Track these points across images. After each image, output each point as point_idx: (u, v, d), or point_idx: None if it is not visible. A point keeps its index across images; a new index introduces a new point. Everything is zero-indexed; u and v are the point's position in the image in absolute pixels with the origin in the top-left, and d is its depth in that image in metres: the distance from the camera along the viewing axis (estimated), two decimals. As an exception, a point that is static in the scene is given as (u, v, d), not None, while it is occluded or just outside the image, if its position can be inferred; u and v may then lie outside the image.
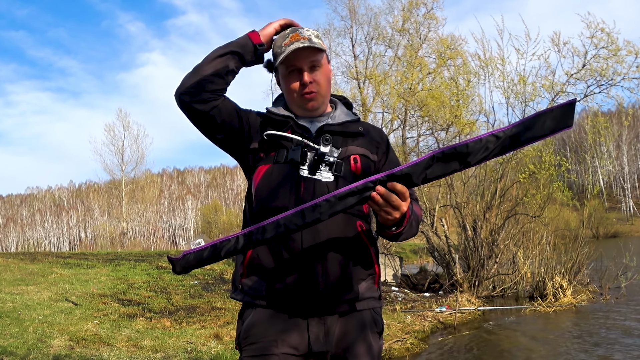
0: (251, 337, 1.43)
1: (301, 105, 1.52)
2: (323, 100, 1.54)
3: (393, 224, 1.36)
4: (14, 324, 5.81)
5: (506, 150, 1.26)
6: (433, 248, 10.30)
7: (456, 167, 1.28)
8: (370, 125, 1.63)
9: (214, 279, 10.74)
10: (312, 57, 1.48)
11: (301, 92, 1.49)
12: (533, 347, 5.66)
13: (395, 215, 1.30)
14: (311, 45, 1.45)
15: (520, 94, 9.56)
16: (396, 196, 1.28)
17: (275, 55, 1.52)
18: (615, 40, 8.85)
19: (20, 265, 11.48)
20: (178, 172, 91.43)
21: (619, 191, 58.07)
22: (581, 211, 10.77)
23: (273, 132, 1.47)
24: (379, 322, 1.51)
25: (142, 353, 4.78)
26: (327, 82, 1.53)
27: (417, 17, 13.20)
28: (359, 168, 1.47)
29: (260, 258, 1.43)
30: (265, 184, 1.46)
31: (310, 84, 1.48)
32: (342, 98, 1.66)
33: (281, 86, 1.57)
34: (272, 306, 1.42)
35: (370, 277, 1.49)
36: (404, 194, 1.28)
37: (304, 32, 1.48)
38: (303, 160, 1.44)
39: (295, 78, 1.49)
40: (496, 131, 1.25)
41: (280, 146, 1.47)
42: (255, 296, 1.44)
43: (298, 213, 1.27)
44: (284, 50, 1.46)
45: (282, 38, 1.50)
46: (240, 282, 1.48)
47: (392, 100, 11.84)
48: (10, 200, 76.83)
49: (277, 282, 1.41)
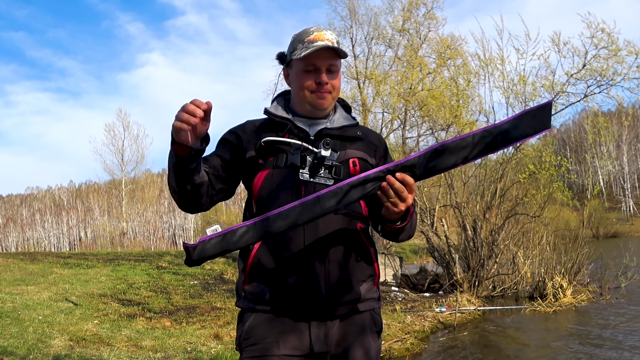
0: (252, 338, 1.43)
1: (312, 102, 1.50)
2: (332, 103, 1.54)
3: (397, 218, 1.36)
4: (14, 324, 5.81)
5: (497, 146, 1.30)
6: (433, 248, 10.30)
7: (457, 161, 1.30)
8: (368, 130, 1.64)
9: (214, 279, 10.74)
10: (333, 60, 1.48)
11: (317, 90, 1.48)
12: (533, 347, 5.66)
13: (402, 207, 1.31)
14: (335, 47, 1.45)
15: (520, 94, 9.56)
16: (404, 188, 1.29)
17: (294, 49, 1.49)
18: (615, 41, 8.86)
19: (20, 265, 11.48)
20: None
21: (619, 191, 58.05)
22: (581, 211, 10.78)
23: (271, 139, 1.47)
24: (378, 322, 1.52)
25: (142, 353, 4.78)
26: (339, 88, 1.55)
27: (417, 17, 13.20)
28: (357, 171, 1.47)
29: (261, 263, 1.42)
30: (266, 188, 1.45)
31: (326, 85, 1.48)
32: (341, 101, 1.66)
33: (291, 80, 1.55)
34: (275, 312, 1.42)
35: (371, 278, 1.50)
36: (412, 186, 1.30)
37: (328, 34, 1.48)
38: (303, 164, 1.43)
39: (312, 76, 1.48)
40: (489, 127, 1.29)
41: (279, 150, 1.46)
42: (258, 302, 1.44)
43: (315, 199, 1.27)
44: (308, 47, 1.44)
45: (306, 34, 1.48)
46: (243, 290, 1.47)
47: (392, 100, 11.84)
48: (10, 200, 76.80)
49: (279, 287, 1.40)
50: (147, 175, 47.08)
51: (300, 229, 1.38)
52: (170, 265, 12.48)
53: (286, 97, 1.63)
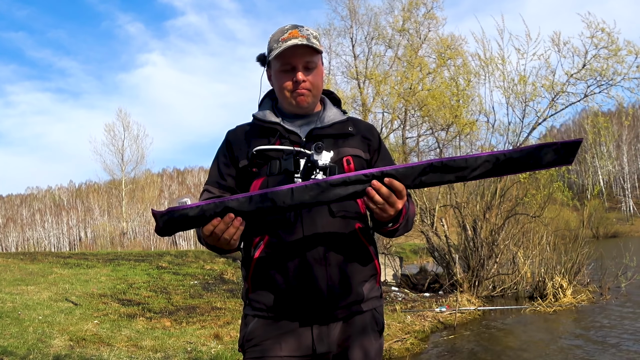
0: (255, 340, 1.43)
1: (292, 102, 1.49)
2: (314, 100, 1.52)
3: (389, 220, 1.35)
4: (14, 324, 5.81)
5: (502, 172, 1.27)
6: (433, 248, 10.30)
7: (451, 178, 1.28)
8: (360, 122, 1.61)
9: (214, 279, 10.74)
10: (308, 57, 1.45)
11: (294, 89, 1.46)
12: (533, 347, 5.65)
13: (390, 212, 1.28)
14: (309, 44, 1.42)
15: (521, 93, 9.55)
16: (392, 193, 1.26)
17: (270, 49, 1.48)
18: (615, 40, 8.86)
19: (20, 265, 11.48)
20: (178, 172, 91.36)
21: (619, 191, 58.04)
22: (581, 211, 10.78)
23: (262, 147, 1.45)
24: (380, 321, 1.51)
25: (142, 353, 4.78)
26: (320, 84, 1.51)
27: (417, 17, 13.20)
28: (352, 169, 1.46)
29: (263, 271, 1.42)
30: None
31: (303, 83, 1.45)
32: (329, 93, 1.63)
33: (272, 82, 1.54)
34: (278, 317, 1.42)
35: (372, 277, 1.49)
36: (401, 192, 1.27)
37: (303, 31, 1.45)
38: (297, 169, 1.41)
39: (289, 76, 1.46)
40: (497, 152, 1.26)
41: (272, 157, 1.45)
42: (262, 309, 1.44)
43: (288, 191, 1.24)
44: (280, 46, 1.42)
45: (281, 32, 1.46)
46: (248, 298, 1.48)
47: (392, 100, 11.84)
48: (10, 200, 76.79)
49: (281, 293, 1.40)
50: (147, 175, 46.99)
51: (300, 233, 1.38)
52: (170, 265, 12.48)
53: (273, 96, 1.60)
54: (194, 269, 12.09)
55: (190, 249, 24.32)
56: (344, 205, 1.42)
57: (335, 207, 1.41)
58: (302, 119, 1.53)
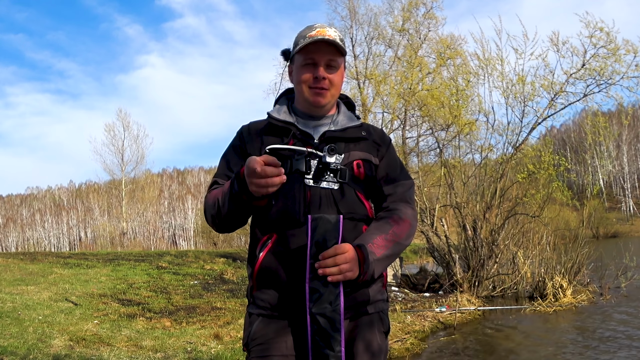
0: (259, 339, 1.43)
1: (309, 99, 1.50)
2: (331, 100, 1.53)
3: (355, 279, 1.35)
4: (14, 324, 5.81)
5: None
6: (433, 248, 10.30)
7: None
8: (372, 128, 1.62)
9: (214, 279, 10.75)
10: (332, 55, 1.47)
11: (313, 85, 1.48)
12: (533, 347, 5.66)
13: (348, 275, 1.32)
14: (334, 42, 1.45)
15: (519, 93, 9.56)
16: (337, 263, 1.31)
17: (296, 44, 1.50)
18: (614, 40, 8.86)
19: (20, 265, 11.49)
20: (178, 172, 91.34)
21: (619, 191, 58.03)
22: (581, 211, 10.78)
23: (275, 146, 1.46)
24: (386, 322, 1.51)
25: (142, 353, 4.78)
26: (339, 85, 1.53)
27: (417, 17, 13.18)
28: (362, 173, 1.47)
29: (268, 269, 1.42)
30: (273, 195, 1.44)
31: (323, 80, 1.47)
32: (345, 97, 1.64)
33: (293, 77, 1.55)
34: (283, 316, 1.42)
35: (379, 279, 1.50)
36: (341, 258, 1.31)
37: (331, 31, 1.47)
38: (308, 169, 1.42)
39: (310, 70, 1.48)
40: None
41: (284, 157, 1.45)
42: (267, 308, 1.44)
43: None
44: (307, 41, 1.45)
45: (309, 29, 1.48)
46: (252, 296, 1.48)
47: (392, 100, 11.83)
48: (10, 200, 76.77)
49: (286, 293, 1.41)
50: (147, 175, 47.06)
51: (305, 234, 1.38)
52: (170, 265, 12.49)
53: (289, 96, 1.62)
54: (194, 269, 12.10)
55: (190, 249, 24.30)
56: (352, 207, 1.43)
57: (343, 208, 1.42)
58: (316, 120, 1.53)
